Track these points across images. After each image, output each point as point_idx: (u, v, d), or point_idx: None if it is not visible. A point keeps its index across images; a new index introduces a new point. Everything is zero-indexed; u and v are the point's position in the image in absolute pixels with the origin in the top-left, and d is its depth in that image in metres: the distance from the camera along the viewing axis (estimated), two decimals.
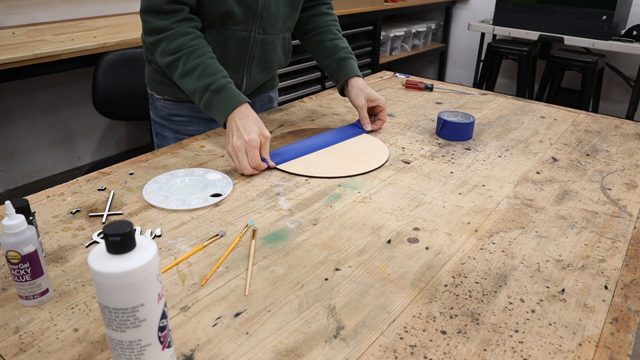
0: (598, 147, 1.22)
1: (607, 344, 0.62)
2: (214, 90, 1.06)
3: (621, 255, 0.80)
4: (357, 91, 1.26)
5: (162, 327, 0.53)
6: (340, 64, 1.30)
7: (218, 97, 1.06)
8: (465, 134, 1.23)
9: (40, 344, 0.61)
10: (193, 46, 1.08)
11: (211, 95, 1.06)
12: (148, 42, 1.10)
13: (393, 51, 4.03)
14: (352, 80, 1.28)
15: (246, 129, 1.02)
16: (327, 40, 1.32)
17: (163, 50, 1.08)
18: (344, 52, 1.31)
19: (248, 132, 1.02)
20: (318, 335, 0.63)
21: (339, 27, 1.36)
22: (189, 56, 1.07)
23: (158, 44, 1.09)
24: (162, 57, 1.09)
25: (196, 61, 1.07)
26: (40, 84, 2.64)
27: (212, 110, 1.08)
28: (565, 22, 3.48)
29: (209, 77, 1.06)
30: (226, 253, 0.78)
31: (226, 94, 1.06)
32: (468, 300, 0.69)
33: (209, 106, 1.07)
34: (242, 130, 1.02)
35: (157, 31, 1.08)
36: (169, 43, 1.07)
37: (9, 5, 2.44)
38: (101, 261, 0.49)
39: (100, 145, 3.04)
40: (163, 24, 1.07)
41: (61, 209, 0.89)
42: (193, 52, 1.07)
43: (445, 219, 0.89)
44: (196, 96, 1.08)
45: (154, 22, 1.07)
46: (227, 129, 1.05)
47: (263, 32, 1.20)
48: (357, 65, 1.32)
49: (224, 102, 1.06)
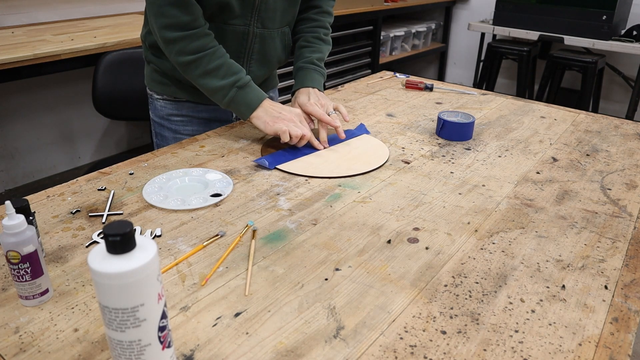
0: (598, 147, 1.22)
1: (607, 344, 0.62)
2: (240, 87, 1.12)
3: (621, 255, 0.80)
4: (293, 100, 1.28)
5: (162, 327, 0.53)
6: (296, 74, 1.30)
7: (244, 92, 1.12)
8: (465, 134, 1.23)
9: (40, 344, 0.61)
10: (214, 46, 1.12)
11: (237, 91, 1.12)
12: (166, 37, 1.08)
13: (393, 51, 4.03)
14: (297, 91, 1.27)
15: (289, 108, 1.16)
16: (298, 48, 1.33)
17: (182, 50, 1.09)
18: (303, 61, 1.29)
19: (291, 109, 1.16)
20: (318, 335, 0.63)
21: (320, 35, 1.33)
22: (212, 56, 1.11)
23: (178, 41, 1.08)
24: (181, 55, 1.09)
25: (219, 61, 1.11)
26: (41, 84, 2.64)
27: (237, 105, 1.13)
28: (565, 22, 3.48)
29: (234, 75, 1.12)
30: (226, 253, 0.78)
31: (250, 90, 1.13)
32: (468, 300, 0.69)
33: (234, 102, 1.13)
34: (286, 109, 1.14)
35: (181, 27, 1.07)
36: (191, 42, 1.08)
37: (9, 5, 2.44)
38: (101, 261, 0.49)
39: (100, 145, 3.04)
40: (185, 19, 1.06)
41: (61, 209, 0.89)
42: (215, 52, 1.11)
43: (445, 219, 0.89)
44: (219, 93, 1.13)
45: (177, 17, 1.06)
46: (264, 114, 1.13)
47: (262, 26, 1.20)
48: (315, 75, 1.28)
49: (250, 97, 1.12)
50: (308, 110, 1.20)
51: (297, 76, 1.29)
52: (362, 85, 1.68)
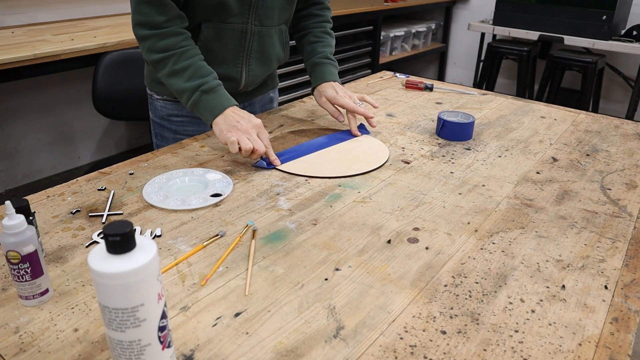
0: (598, 147, 1.22)
1: (607, 344, 0.62)
2: (204, 91, 1.08)
3: (621, 255, 0.80)
4: (317, 93, 1.28)
5: (162, 327, 0.53)
6: (313, 69, 1.30)
7: (207, 97, 1.08)
8: (465, 134, 1.23)
9: (40, 344, 0.61)
10: (184, 47, 1.09)
11: (200, 95, 1.08)
12: (138, 34, 1.10)
13: (393, 51, 4.03)
14: (320, 86, 1.27)
15: (249, 117, 1.07)
16: (308, 43, 1.33)
17: (151, 47, 1.09)
18: (319, 56, 1.30)
19: (251, 119, 1.07)
20: (318, 335, 0.63)
21: (327, 29, 1.35)
22: (180, 56, 1.09)
23: (147, 39, 1.09)
24: (150, 53, 1.10)
25: (187, 62, 1.09)
26: (40, 84, 2.64)
27: (199, 109, 1.09)
28: (565, 22, 3.48)
29: (200, 79, 1.08)
30: (226, 253, 0.78)
31: (216, 95, 1.09)
32: (468, 300, 0.69)
33: (197, 105, 1.09)
34: (245, 119, 1.06)
35: (151, 26, 1.07)
36: (159, 41, 1.08)
37: (9, 5, 2.44)
38: (101, 261, 0.49)
39: (100, 145, 3.04)
40: (159, 19, 1.07)
41: (61, 209, 0.89)
42: (184, 52, 1.09)
43: (445, 219, 0.89)
44: (184, 96, 1.10)
45: (150, 16, 1.06)
46: (223, 122, 1.06)
47: (259, 23, 1.20)
48: (333, 70, 1.30)
49: (213, 103, 1.08)
50: (339, 102, 1.22)
51: (315, 71, 1.30)
52: (362, 85, 1.68)
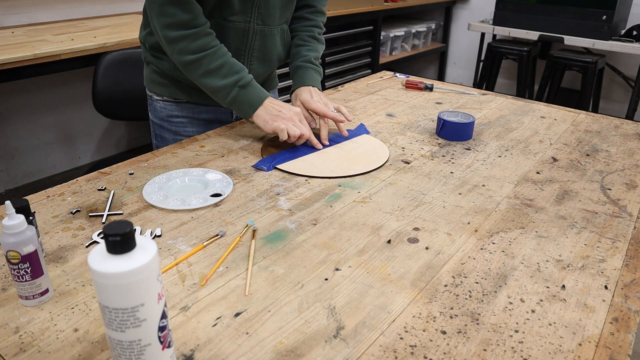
0: (598, 147, 1.22)
1: (607, 344, 0.62)
2: (241, 86, 1.12)
3: (621, 255, 0.80)
4: (293, 97, 1.28)
5: (162, 327, 0.53)
6: (295, 72, 1.30)
7: (245, 92, 1.13)
8: (465, 134, 1.23)
9: (40, 344, 0.61)
10: (215, 46, 1.12)
11: (238, 90, 1.12)
12: (168, 36, 1.09)
13: (393, 51, 4.03)
14: (298, 90, 1.27)
15: (289, 106, 1.15)
16: (293, 46, 1.33)
17: (184, 49, 1.09)
18: (302, 60, 1.29)
19: (291, 107, 1.15)
20: (318, 335, 0.63)
21: (314, 34, 1.34)
22: (213, 56, 1.11)
23: (179, 40, 1.08)
24: (183, 55, 1.10)
25: (221, 60, 1.12)
26: (41, 83, 2.64)
27: (239, 104, 1.14)
28: (565, 22, 3.48)
29: (236, 75, 1.12)
30: (226, 253, 0.78)
31: (253, 89, 1.14)
32: (468, 300, 0.69)
33: (235, 101, 1.13)
34: (286, 108, 1.14)
35: (181, 26, 1.07)
36: (193, 42, 1.08)
37: (9, 5, 2.44)
38: (101, 261, 0.49)
39: (100, 145, 3.04)
40: (186, 17, 1.07)
41: (61, 209, 0.89)
42: (217, 51, 1.11)
43: (445, 219, 0.89)
44: (221, 93, 1.13)
45: (178, 16, 1.06)
46: (265, 113, 1.13)
47: (262, 22, 1.20)
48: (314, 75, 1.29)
49: (252, 96, 1.13)
50: (312, 107, 1.20)
51: (296, 75, 1.29)
52: (362, 85, 1.68)
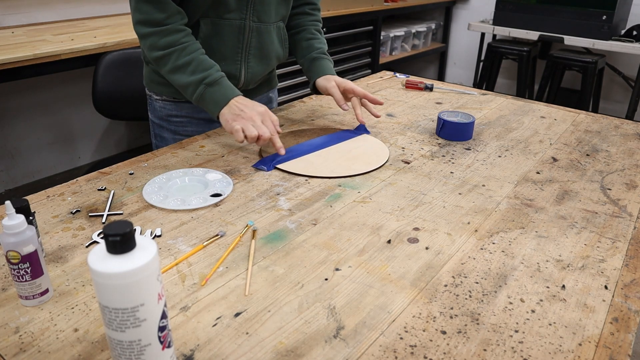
0: (598, 147, 1.22)
1: (607, 344, 0.62)
2: (208, 84, 1.09)
3: (621, 255, 0.80)
4: (324, 81, 1.28)
5: (162, 327, 0.53)
6: (312, 63, 1.31)
7: (212, 89, 1.09)
8: (465, 134, 1.23)
9: (40, 344, 0.61)
10: (185, 42, 1.10)
11: (205, 88, 1.09)
12: (139, 32, 1.10)
13: (393, 51, 4.03)
14: (324, 77, 1.28)
15: (253, 105, 1.08)
16: (304, 40, 1.34)
17: (153, 45, 1.10)
18: (317, 52, 1.32)
19: (255, 106, 1.08)
20: (318, 335, 0.63)
21: (319, 28, 1.37)
22: (181, 52, 1.10)
23: (149, 36, 1.10)
24: (152, 50, 1.11)
25: (189, 57, 1.10)
26: (41, 83, 2.64)
27: (205, 102, 1.10)
28: (565, 22, 3.48)
29: (203, 72, 1.10)
30: (226, 253, 0.78)
31: (220, 87, 1.10)
32: (468, 300, 0.69)
33: (202, 99, 1.10)
34: (249, 107, 1.07)
35: (152, 23, 1.08)
36: (161, 38, 1.09)
37: (9, 5, 2.44)
38: (101, 261, 0.49)
39: (100, 145, 3.04)
40: (159, 17, 1.07)
41: (61, 209, 0.89)
42: (185, 48, 1.10)
43: (445, 219, 0.89)
44: (189, 90, 1.11)
45: (150, 14, 1.07)
46: (228, 112, 1.08)
47: (257, 20, 1.20)
48: (332, 66, 1.32)
49: (218, 95, 1.09)
50: (349, 86, 1.23)
51: (315, 65, 1.31)
52: (362, 85, 1.68)
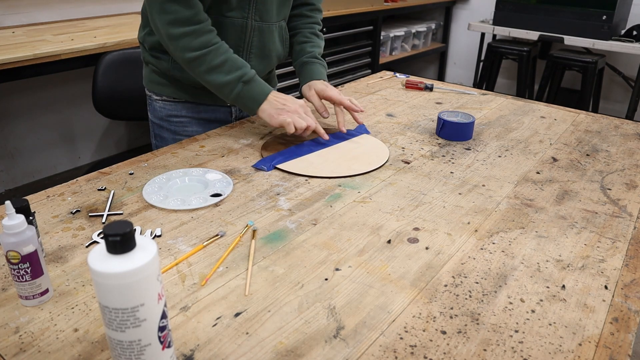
0: (598, 147, 1.22)
1: (607, 344, 0.62)
2: (245, 81, 1.13)
3: (621, 255, 0.80)
4: (306, 88, 1.28)
5: (162, 327, 0.53)
6: (302, 68, 1.31)
7: (249, 87, 1.13)
8: (465, 134, 1.23)
9: (40, 344, 0.61)
10: (218, 42, 1.12)
11: (243, 86, 1.12)
12: (171, 34, 1.09)
13: (393, 51, 4.03)
14: (310, 82, 1.28)
15: (292, 99, 1.15)
16: (297, 43, 1.34)
17: (187, 46, 1.09)
18: (308, 56, 1.31)
19: (295, 100, 1.15)
20: (318, 335, 0.63)
21: (316, 31, 1.36)
22: (216, 52, 1.11)
23: (182, 38, 1.09)
24: (185, 52, 1.10)
25: (224, 56, 1.12)
26: (41, 83, 2.64)
27: (243, 100, 1.14)
28: (565, 22, 3.48)
29: (239, 70, 1.13)
30: (226, 253, 0.78)
31: (256, 84, 1.14)
32: (468, 300, 0.69)
33: (240, 96, 1.14)
34: (290, 100, 1.14)
35: (183, 23, 1.07)
36: (195, 39, 1.09)
37: (9, 5, 2.44)
38: (101, 261, 0.49)
39: (100, 145, 3.04)
40: (187, 14, 1.07)
41: (61, 209, 0.89)
42: (219, 47, 1.12)
43: (445, 219, 0.89)
44: (226, 89, 1.13)
45: (179, 12, 1.07)
46: (269, 107, 1.13)
47: (259, 19, 1.20)
48: (322, 69, 1.31)
49: (255, 91, 1.14)
50: (328, 94, 1.23)
51: (304, 70, 1.31)
52: (362, 85, 1.68)
